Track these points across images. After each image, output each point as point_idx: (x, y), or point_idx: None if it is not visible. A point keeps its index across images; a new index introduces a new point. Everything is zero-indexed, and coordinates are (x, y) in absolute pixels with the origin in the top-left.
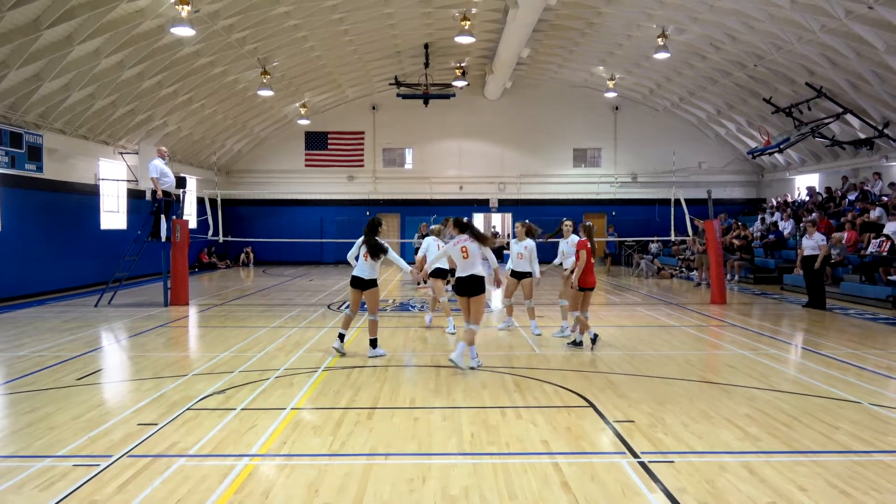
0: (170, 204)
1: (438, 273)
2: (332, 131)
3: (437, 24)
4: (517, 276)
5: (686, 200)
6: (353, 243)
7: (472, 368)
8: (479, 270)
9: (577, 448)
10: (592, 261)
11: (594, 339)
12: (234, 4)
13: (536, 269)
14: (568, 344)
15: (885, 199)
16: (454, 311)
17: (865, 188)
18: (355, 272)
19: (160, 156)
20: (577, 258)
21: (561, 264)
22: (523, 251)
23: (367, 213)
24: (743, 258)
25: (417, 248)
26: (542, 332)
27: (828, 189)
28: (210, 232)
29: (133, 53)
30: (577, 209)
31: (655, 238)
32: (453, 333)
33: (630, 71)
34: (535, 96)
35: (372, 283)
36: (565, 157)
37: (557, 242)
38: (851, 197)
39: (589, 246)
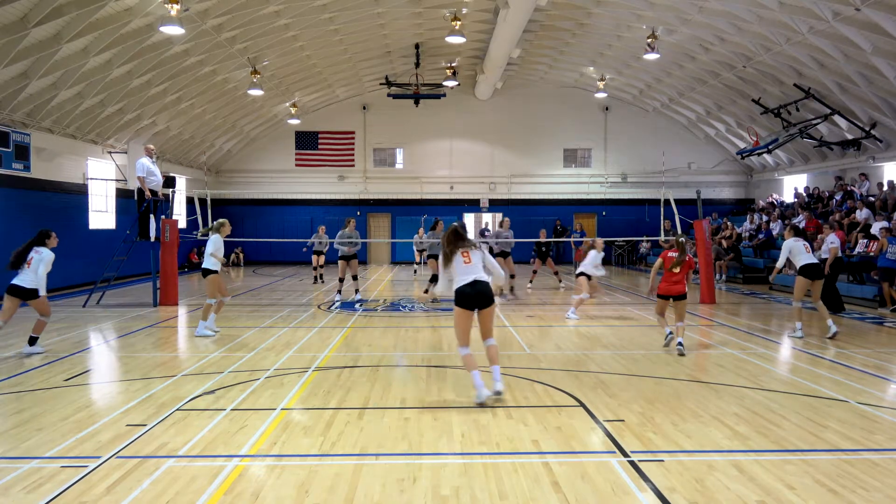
0: (158, 203)
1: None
2: (322, 131)
3: (427, 25)
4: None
5: (676, 201)
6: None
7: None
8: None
9: (567, 447)
10: (674, 270)
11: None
12: (224, 3)
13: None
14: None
15: (872, 199)
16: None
17: (850, 188)
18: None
19: (147, 154)
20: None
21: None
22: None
23: (358, 213)
24: (730, 259)
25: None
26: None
27: (816, 189)
28: (199, 232)
29: (122, 52)
30: (568, 209)
31: (645, 238)
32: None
33: (620, 71)
34: (526, 96)
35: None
36: (556, 158)
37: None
38: (838, 197)
39: (670, 256)
